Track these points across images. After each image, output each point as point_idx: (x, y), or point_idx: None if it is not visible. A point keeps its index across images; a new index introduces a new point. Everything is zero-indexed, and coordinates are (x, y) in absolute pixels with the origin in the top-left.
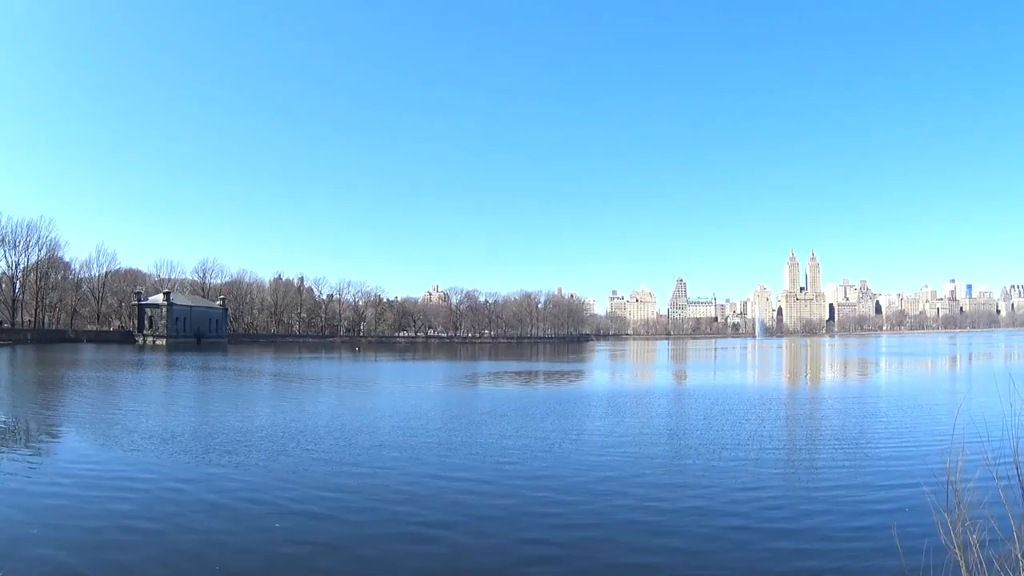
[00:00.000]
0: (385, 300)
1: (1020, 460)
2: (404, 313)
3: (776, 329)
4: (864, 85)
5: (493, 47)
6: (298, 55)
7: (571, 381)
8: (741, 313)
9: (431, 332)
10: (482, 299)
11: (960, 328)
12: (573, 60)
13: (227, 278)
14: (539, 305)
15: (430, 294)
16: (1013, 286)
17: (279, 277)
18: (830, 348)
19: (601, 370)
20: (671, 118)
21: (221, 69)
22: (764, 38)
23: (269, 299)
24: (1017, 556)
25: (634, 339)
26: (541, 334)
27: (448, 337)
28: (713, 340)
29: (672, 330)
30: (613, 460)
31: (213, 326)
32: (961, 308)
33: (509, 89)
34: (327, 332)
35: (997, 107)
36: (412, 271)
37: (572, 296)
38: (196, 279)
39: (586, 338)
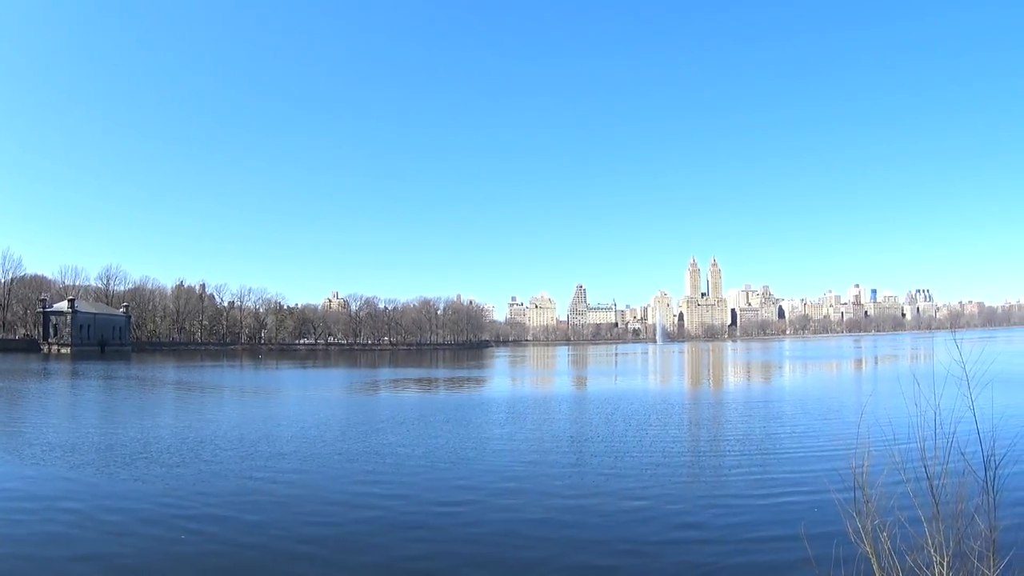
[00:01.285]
0: (286, 307)
1: (928, 460)
2: (304, 320)
3: (677, 334)
4: (765, 89)
5: (391, 49)
6: (202, 52)
7: (471, 388)
8: (642, 319)
9: (331, 339)
10: (382, 306)
11: (865, 332)
12: (470, 61)
13: (130, 285)
14: (438, 312)
15: (330, 301)
16: (919, 290)
17: (181, 284)
18: (733, 352)
19: (501, 376)
20: (570, 124)
21: (124, 70)
22: (659, 39)
23: (171, 306)
24: (930, 553)
25: (534, 345)
26: (440, 340)
27: (348, 344)
28: (613, 346)
29: (572, 336)
30: (514, 467)
31: (117, 334)
32: (866, 312)
33: (407, 91)
34: (228, 340)
35: (901, 114)
36: (312, 277)
37: (471, 302)
38: (100, 286)
39: (486, 344)
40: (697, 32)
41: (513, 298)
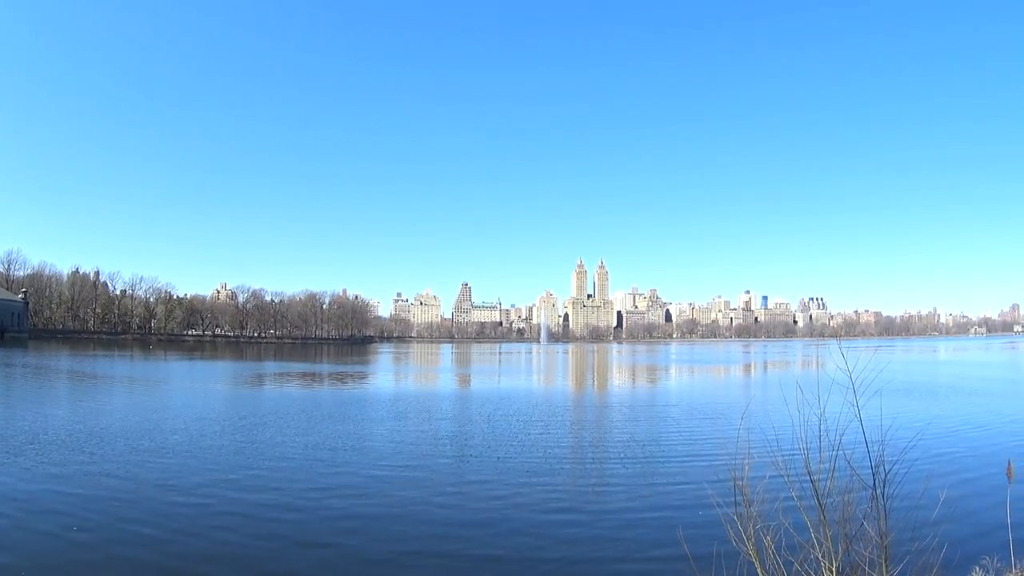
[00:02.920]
0: (175, 297)
1: (812, 466)
2: (193, 311)
3: (562, 335)
4: (657, 93)
5: (268, 43)
6: (90, 46)
7: (354, 384)
8: (527, 319)
9: (219, 331)
10: (268, 298)
11: (755, 338)
12: (368, 61)
13: (29, 270)
14: (324, 306)
15: (218, 292)
16: (812, 298)
17: (77, 271)
18: (618, 355)
19: (385, 373)
20: (459, 123)
21: (22, 63)
22: (549, 39)
23: (67, 293)
24: (818, 559)
25: (418, 342)
26: (325, 335)
27: (235, 336)
28: (497, 345)
29: (456, 334)
30: (393, 467)
31: (15, 320)
32: (756, 318)
33: (296, 86)
34: (120, 329)
35: (796, 123)
36: (203, 267)
37: (357, 297)
38: (1, 271)
39: (370, 340)
40: (585, 33)
41: (398, 294)
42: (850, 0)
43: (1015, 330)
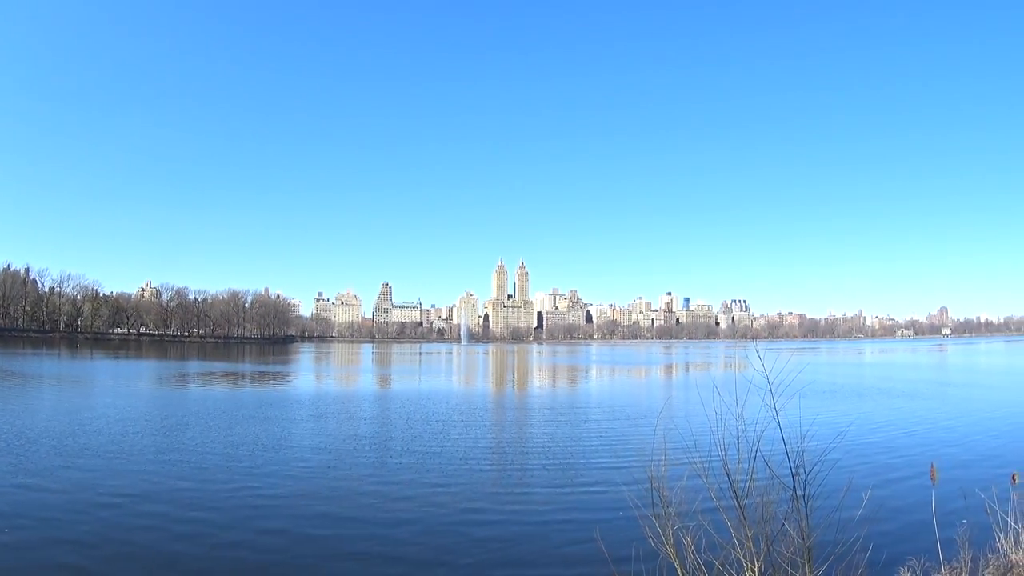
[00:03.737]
0: (101, 295)
1: (730, 467)
2: (119, 309)
3: (482, 335)
4: (578, 93)
5: (205, 37)
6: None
7: (276, 384)
8: (447, 319)
9: (144, 329)
10: (192, 297)
11: (677, 339)
12: (288, 60)
13: None
14: (246, 305)
15: (143, 290)
16: (734, 300)
17: (8, 267)
18: (538, 355)
19: (305, 373)
20: (381, 121)
21: None
22: (471, 36)
23: None
24: (739, 559)
25: (339, 341)
26: (248, 334)
27: (159, 335)
28: (418, 345)
29: (377, 334)
30: (312, 468)
31: None
32: (678, 320)
33: (218, 88)
34: (48, 327)
35: (720, 125)
36: (128, 264)
37: (279, 296)
38: None
39: (291, 339)
40: (503, 37)
41: (320, 293)
42: None
43: (943, 332)
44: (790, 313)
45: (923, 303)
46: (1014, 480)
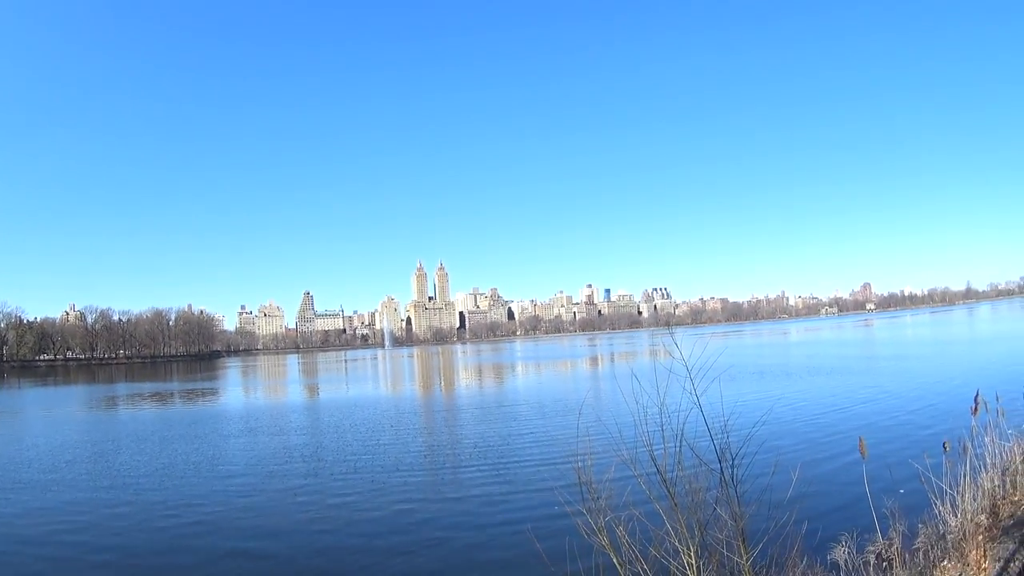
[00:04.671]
0: (25, 322)
1: (656, 455)
2: (44, 335)
3: (406, 339)
4: (493, 95)
5: (118, 59)
6: None
7: (205, 401)
8: (370, 324)
9: (70, 354)
10: (116, 318)
11: (600, 330)
12: (204, 68)
13: None
14: (170, 322)
15: (67, 314)
16: (655, 288)
17: None
18: (463, 355)
19: (233, 388)
20: (292, 129)
21: None
22: (384, 44)
23: None
24: (674, 545)
25: (264, 354)
26: (174, 352)
27: (86, 359)
28: (343, 352)
29: (301, 343)
30: (246, 484)
31: None
32: (600, 311)
33: (132, 97)
34: None
35: (634, 118)
36: (49, 288)
37: (202, 312)
38: None
39: (217, 355)
40: (415, 28)
41: (243, 307)
42: None
43: (867, 308)
44: (712, 298)
45: (846, 280)
46: (946, 448)
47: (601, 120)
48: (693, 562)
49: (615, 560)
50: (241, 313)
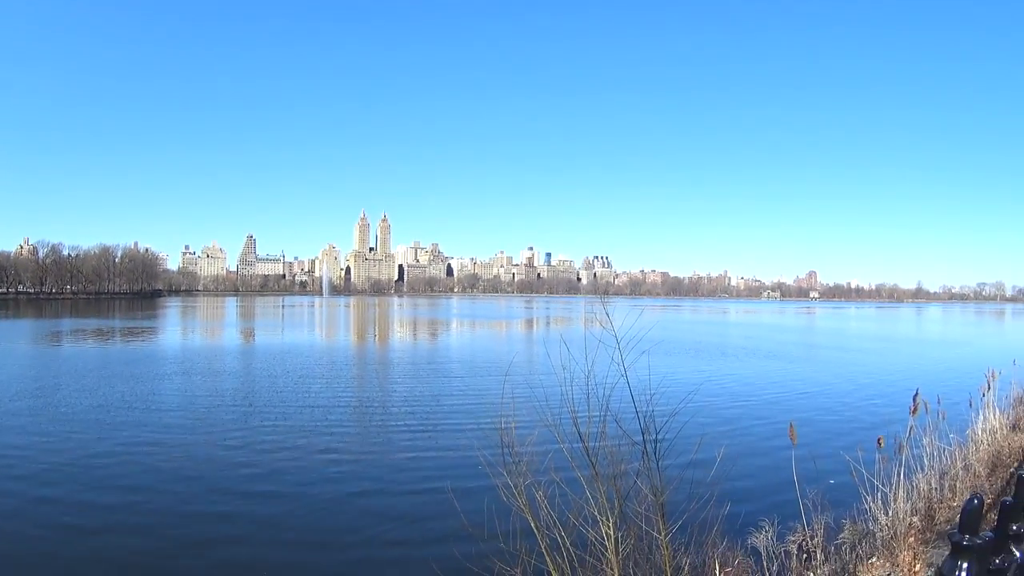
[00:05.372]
0: None
1: (580, 423)
2: None
3: (344, 288)
4: (441, 52)
5: None
6: None
7: (144, 340)
8: (310, 271)
9: (21, 288)
10: (66, 252)
11: (538, 293)
12: (141, 10)
13: None
14: (116, 259)
15: (22, 247)
16: (596, 256)
17: None
18: (399, 308)
19: (173, 328)
20: (245, 70)
21: None
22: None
23: None
24: (593, 514)
25: (205, 295)
26: (118, 289)
27: (35, 293)
28: (281, 297)
29: (241, 287)
30: (178, 427)
31: None
32: (539, 275)
33: (81, 33)
34: None
35: (581, 85)
36: (8, 221)
37: (147, 251)
38: None
39: (159, 294)
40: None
41: (186, 246)
42: None
43: (811, 296)
44: (653, 271)
45: (791, 266)
46: (880, 444)
47: (553, 84)
48: (611, 533)
49: (533, 524)
50: (184, 253)
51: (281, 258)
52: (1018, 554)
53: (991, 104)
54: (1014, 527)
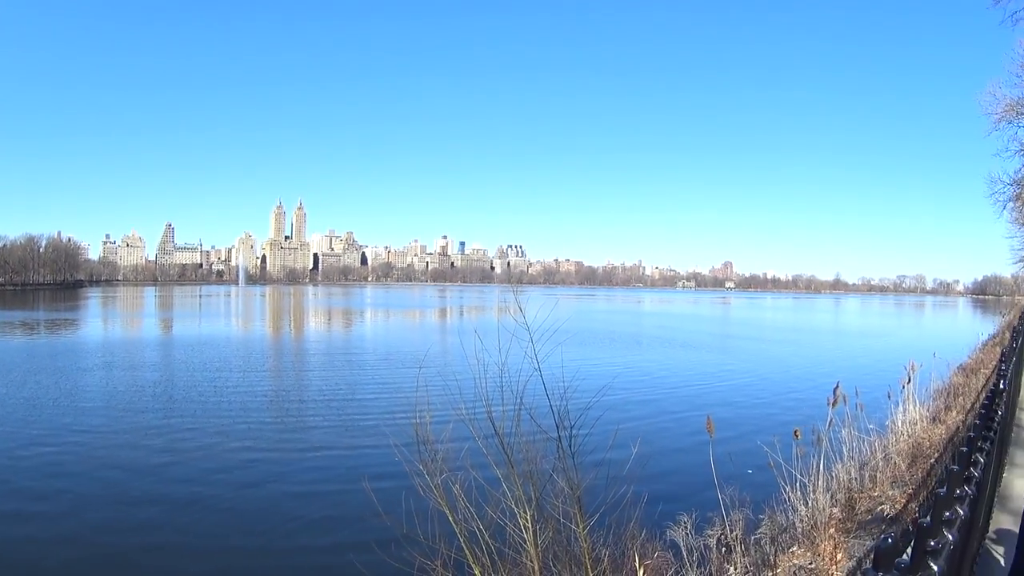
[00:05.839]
0: None
1: (495, 416)
2: None
3: (260, 277)
4: (355, 30)
5: None
6: None
7: (66, 332)
8: (226, 260)
9: None
10: None
11: (452, 282)
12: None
13: None
14: (40, 249)
15: None
16: (510, 245)
17: None
18: (314, 298)
19: (94, 319)
20: (163, 59)
21: None
22: None
23: None
24: (511, 508)
25: (124, 285)
26: (43, 280)
27: None
28: (198, 287)
29: (160, 276)
30: (101, 417)
31: None
32: (453, 263)
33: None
34: None
35: (495, 67)
36: None
37: (70, 240)
38: None
39: (80, 284)
40: None
41: (107, 236)
42: None
43: (727, 286)
44: (567, 260)
45: (707, 257)
46: (797, 436)
47: (468, 68)
48: (529, 525)
49: (450, 518)
50: (105, 242)
51: (199, 247)
52: (936, 568)
53: (913, 97)
54: (932, 543)
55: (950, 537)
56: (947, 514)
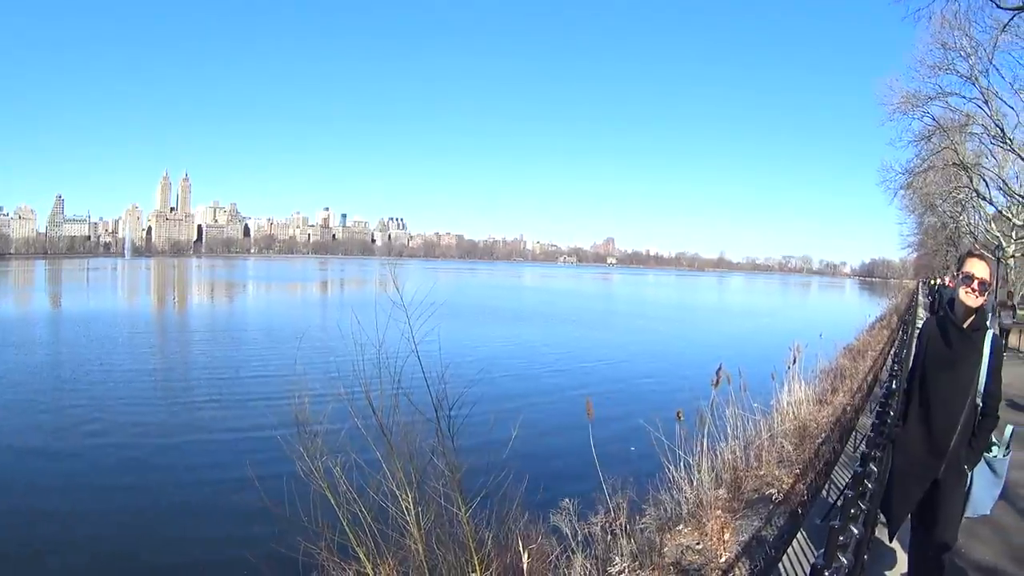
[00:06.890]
0: None
1: (373, 398)
2: None
3: (146, 249)
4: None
5: None
6: None
7: None
8: (114, 232)
9: None
10: None
11: (332, 255)
12: None
13: None
14: None
15: None
16: (391, 218)
17: None
18: (197, 270)
19: None
20: (53, 23)
21: None
22: None
23: None
24: (392, 490)
25: (16, 259)
26: None
27: None
28: (86, 260)
29: (50, 249)
30: None
31: None
32: (334, 236)
33: None
34: None
35: (381, 41)
36: None
37: None
38: None
39: None
40: None
41: (1, 207)
42: None
43: (608, 262)
44: (448, 233)
45: (588, 233)
46: (679, 417)
47: (352, 39)
48: (411, 507)
49: (332, 501)
50: None
51: (87, 219)
52: (845, 561)
53: (804, 80)
54: (841, 539)
55: (855, 532)
56: (852, 511)
